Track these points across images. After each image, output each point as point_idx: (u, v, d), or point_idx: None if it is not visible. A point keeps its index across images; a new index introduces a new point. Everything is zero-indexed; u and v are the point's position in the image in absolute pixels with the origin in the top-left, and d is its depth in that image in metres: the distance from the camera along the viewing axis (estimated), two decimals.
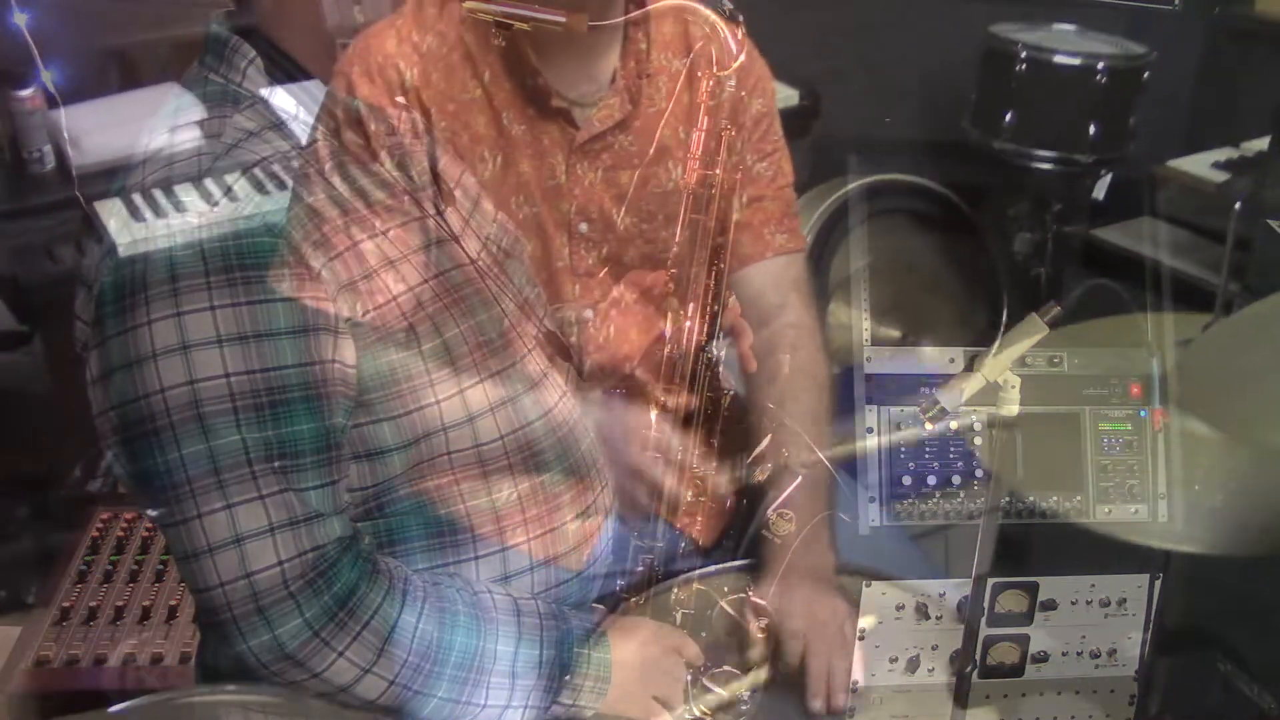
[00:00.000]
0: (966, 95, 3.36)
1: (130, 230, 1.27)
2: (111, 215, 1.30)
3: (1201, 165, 3.10)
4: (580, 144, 1.64)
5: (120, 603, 2.10)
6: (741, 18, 1.53)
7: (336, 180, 1.34)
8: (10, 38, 2.39)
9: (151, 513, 1.31)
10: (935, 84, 3.48)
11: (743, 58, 1.50)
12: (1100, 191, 3.33)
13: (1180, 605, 1.76)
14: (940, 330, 3.27)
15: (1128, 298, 1.61)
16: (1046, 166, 3.21)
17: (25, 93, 2.52)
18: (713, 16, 1.50)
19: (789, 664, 1.61)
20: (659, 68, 1.71)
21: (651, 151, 1.65)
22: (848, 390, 1.77)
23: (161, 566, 2.17)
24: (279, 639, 1.28)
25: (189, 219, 1.25)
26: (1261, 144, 3.05)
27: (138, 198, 1.29)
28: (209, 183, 1.27)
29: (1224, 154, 3.14)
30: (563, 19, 1.35)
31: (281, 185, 1.30)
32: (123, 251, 1.26)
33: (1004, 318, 3.35)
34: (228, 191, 1.27)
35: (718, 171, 1.57)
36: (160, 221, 1.27)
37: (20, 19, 2.39)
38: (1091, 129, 3.13)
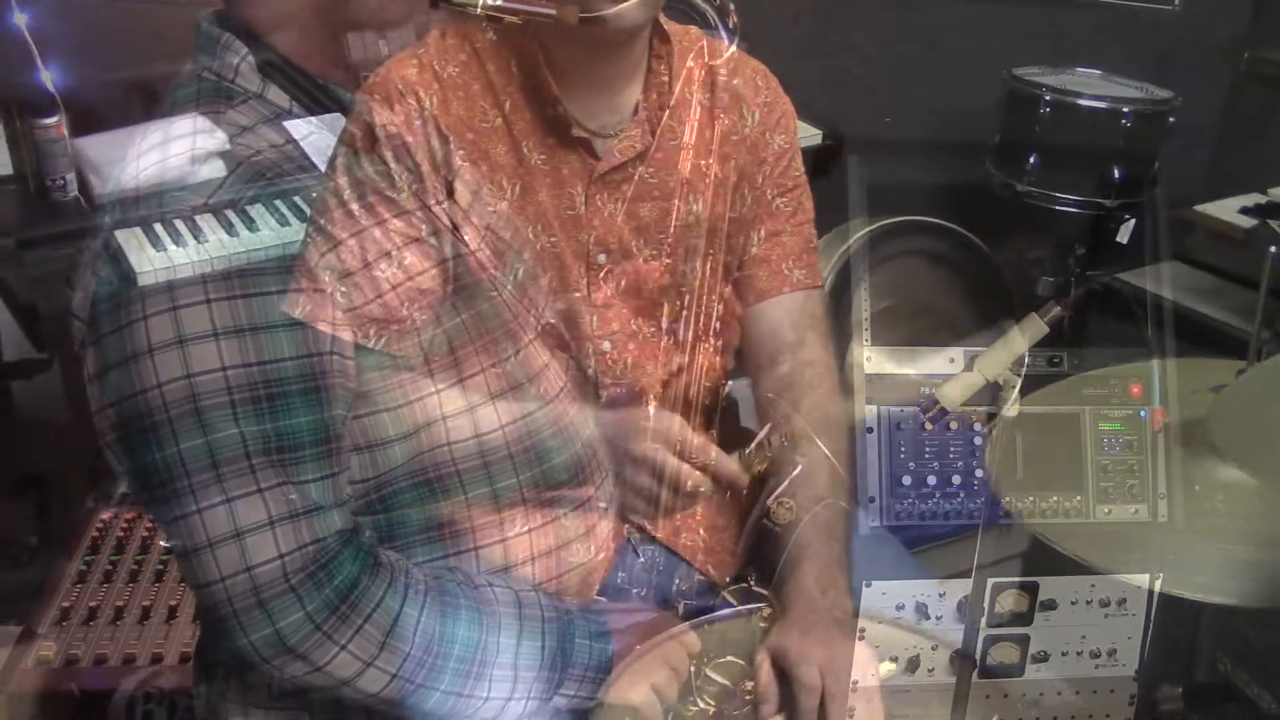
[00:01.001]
0: (989, 138, 3.38)
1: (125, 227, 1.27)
2: (107, 213, 1.31)
3: (1229, 210, 3.10)
4: (600, 175, 1.63)
5: (120, 603, 2.10)
6: (733, 5, 1.54)
7: (333, 172, 1.34)
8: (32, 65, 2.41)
9: (151, 508, 1.31)
10: (958, 126, 3.49)
11: (734, 48, 1.50)
12: (1124, 235, 3.33)
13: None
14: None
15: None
16: (1069, 210, 3.22)
17: (49, 121, 2.54)
18: (703, 4, 1.50)
19: (761, 590, 1.63)
20: (681, 100, 1.70)
21: (672, 184, 1.65)
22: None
23: (161, 566, 2.17)
24: (280, 633, 1.28)
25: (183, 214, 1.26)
26: None
27: (135, 197, 1.29)
28: (204, 176, 1.27)
29: (1251, 199, 3.14)
30: (553, 12, 1.35)
31: (277, 179, 1.30)
32: (117, 248, 1.27)
33: (1024, 361, 3.35)
34: (222, 185, 1.27)
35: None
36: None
37: (20, 18, 2.40)
38: (1115, 172, 3.14)
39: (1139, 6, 2.22)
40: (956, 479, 1.83)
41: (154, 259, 1.26)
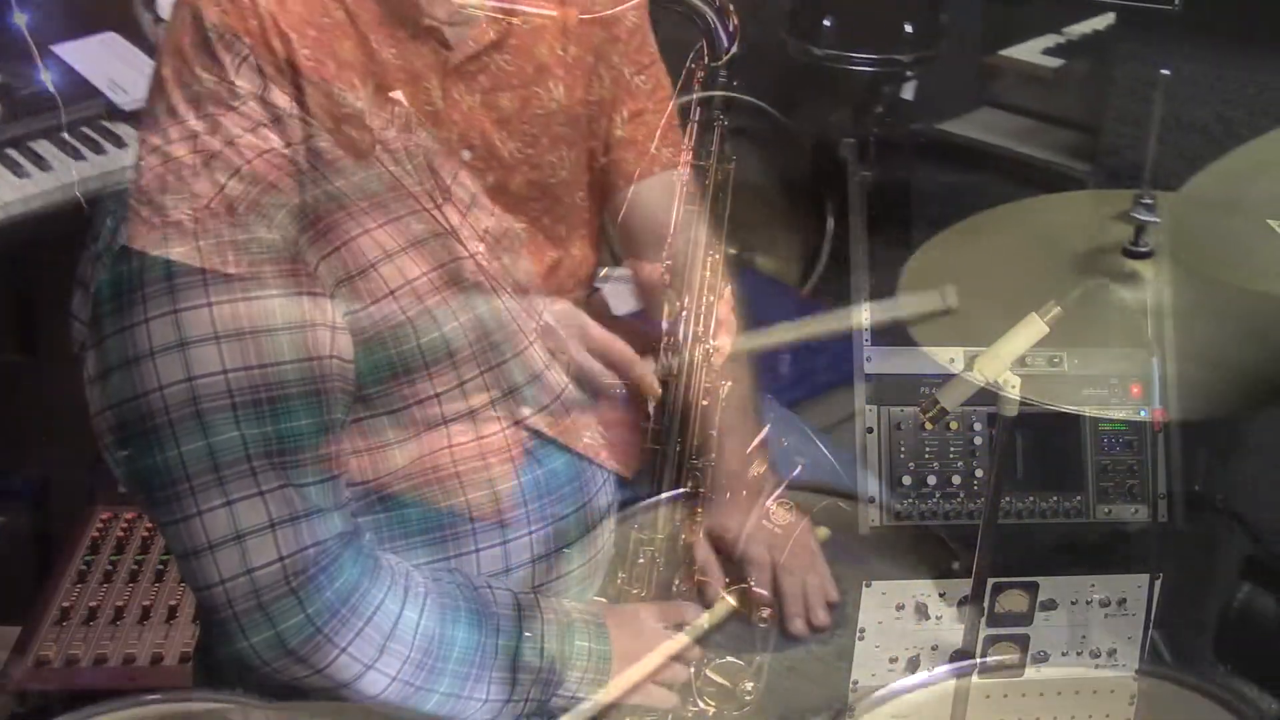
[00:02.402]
0: (783, 4, 3.34)
1: (126, 230, 1.27)
2: (108, 215, 1.31)
3: (1033, 52, 3.11)
4: (455, 65, 1.52)
5: (120, 603, 2.11)
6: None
7: (332, 175, 1.34)
8: None
9: (151, 511, 1.31)
10: None
11: (734, 49, 1.49)
12: (909, 93, 3.33)
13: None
14: (771, 243, 3.27)
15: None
16: (865, 69, 3.21)
17: None
18: (703, 6, 1.49)
19: (760, 591, 1.61)
20: None
21: (531, 71, 1.56)
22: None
23: (161, 566, 2.17)
24: (281, 635, 1.29)
25: (185, 217, 1.25)
26: (1084, 28, 3.09)
27: (134, 197, 1.29)
28: (205, 179, 1.27)
29: (1052, 40, 3.16)
30: (554, 13, 1.33)
31: (277, 181, 1.30)
32: (118, 251, 1.27)
33: (829, 225, 3.36)
34: (223, 188, 1.27)
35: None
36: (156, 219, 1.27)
37: (20, 19, 2.39)
38: (907, 28, 3.15)
39: (1142, 7, 2.23)
40: (956, 479, 1.83)
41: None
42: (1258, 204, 1.42)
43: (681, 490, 1.65)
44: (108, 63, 2.51)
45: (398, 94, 1.48)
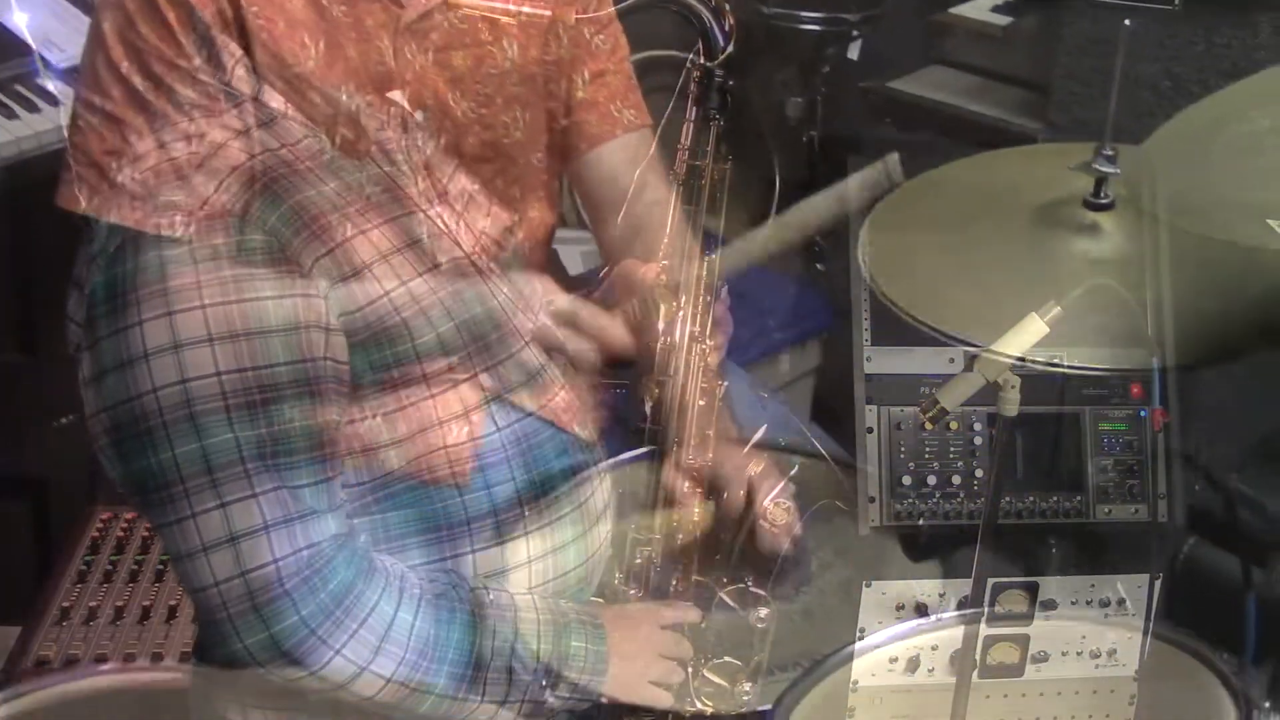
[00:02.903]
0: None
1: (120, 232, 1.27)
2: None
3: (982, 10, 3.07)
4: (407, 24, 1.50)
5: (120, 603, 2.10)
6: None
7: (327, 177, 1.34)
8: None
9: (145, 513, 1.31)
10: None
11: (730, 49, 1.48)
12: (853, 53, 3.33)
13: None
14: (714, 202, 3.25)
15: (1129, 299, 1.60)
16: (813, 28, 3.22)
17: None
18: (699, 6, 1.48)
19: (733, 508, 1.62)
20: None
21: (484, 29, 1.54)
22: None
23: (161, 566, 2.17)
24: (275, 637, 1.28)
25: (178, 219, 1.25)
26: None
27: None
28: (199, 181, 1.27)
29: None
30: (548, 12, 1.32)
31: (272, 183, 1.29)
32: (113, 253, 1.27)
33: (776, 184, 3.36)
34: (217, 190, 1.27)
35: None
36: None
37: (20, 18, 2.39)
38: None
39: (1142, 7, 2.23)
40: (956, 479, 1.83)
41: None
42: (1221, 156, 1.43)
43: (646, 449, 1.65)
44: (41, 20, 2.45)
45: (396, 94, 1.48)
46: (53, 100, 2.36)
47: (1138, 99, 2.21)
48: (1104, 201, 1.42)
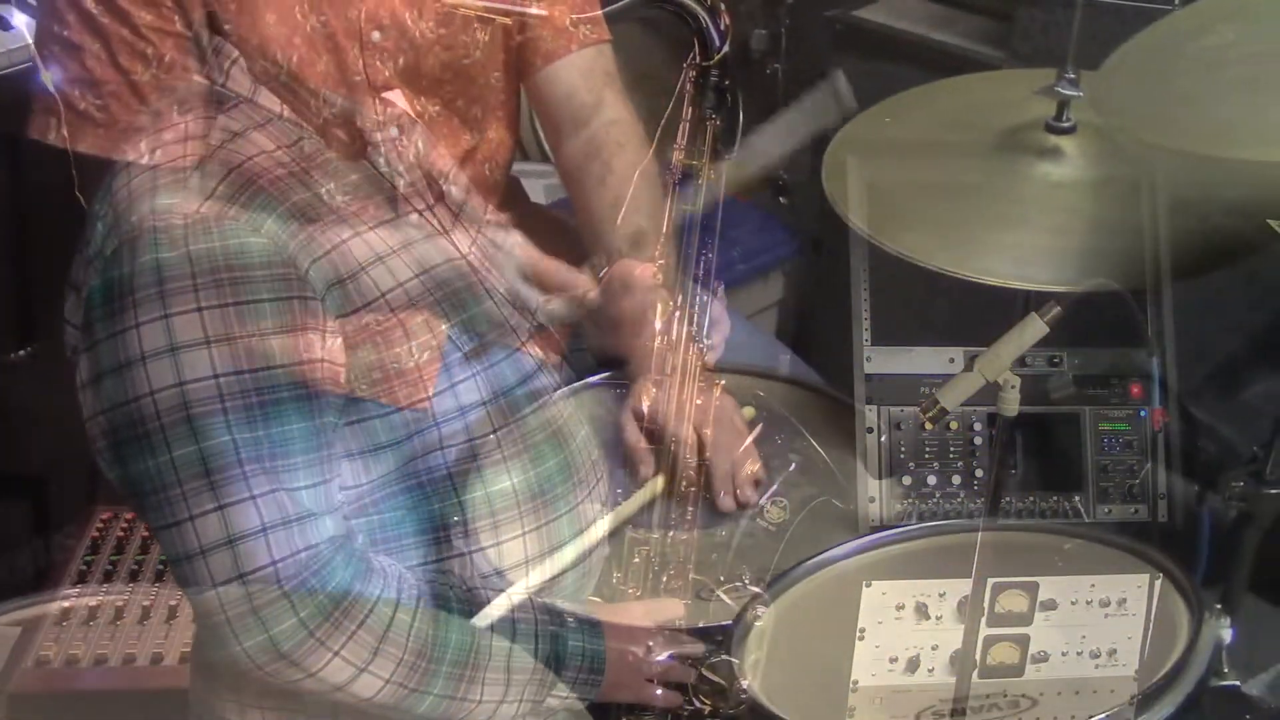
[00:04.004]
0: None
1: (117, 234, 1.27)
2: (99, 219, 1.30)
3: None
4: None
5: (120, 603, 2.10)
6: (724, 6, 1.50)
7: (323, 178, 1.34)
8: None
9: (143, 515, 1.31)
10: None
11: (726, 48, 1.47)
12: None
13: None
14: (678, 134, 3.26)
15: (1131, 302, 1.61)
16: None
17: None
18: (695, 6, 1.48)
19: (688, 468, 1.63)
20: None
21: None
22: None
23: (161, 566, 2.16)
24: (274, 639, 1.28)
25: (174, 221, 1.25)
26: None
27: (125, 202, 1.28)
28: (195, 184, 1.27)
29: None
30: (545, 13, 1.31)
31: (268, 185, 1.29)
32: (110, 255, 1.26)
33: (740, 116, 3.35)
34: (213, 192, 1.27)
35: None
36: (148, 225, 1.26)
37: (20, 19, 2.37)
38: None
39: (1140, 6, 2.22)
40: (956, 479, 1.83)
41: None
42: (1185, 70, 1.43)
43: (607, 374, 1.65)
44: None
45: (394, 95, 1.48)
46: (4, 25, 2.28)
47: (1100, 27, 2.20)
48: (1066, 125, 1.44)
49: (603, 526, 1.57)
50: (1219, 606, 1.45)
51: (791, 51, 3.31)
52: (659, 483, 1.66)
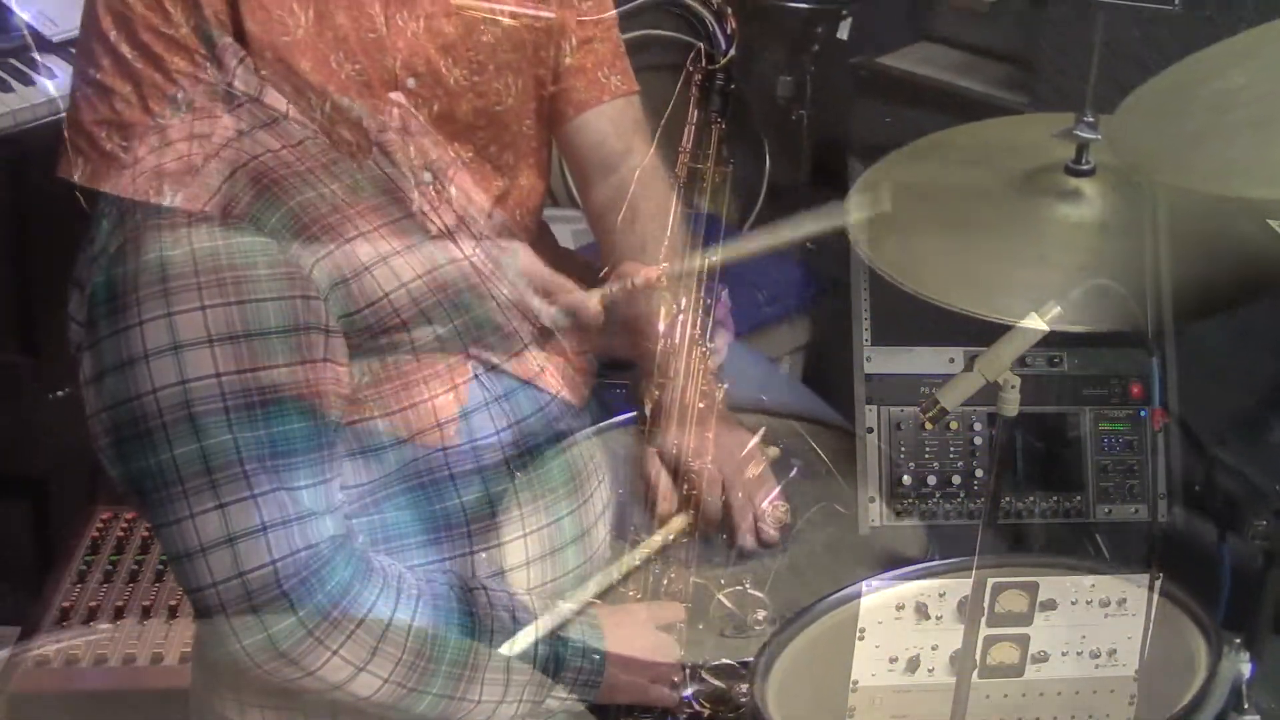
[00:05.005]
0: None
1: (121, 232, 1.27)
2: (104, 217, 1.30)
3: None
4: None
5: (120, 603, 2.10)
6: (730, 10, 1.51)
7: (328, 178, 1.34)
8: None
9: (144, 513, 1.31)
10: None
11: (733, 51, 1.47)
12: (843, 32, 3.31)
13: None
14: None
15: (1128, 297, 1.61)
16: (802, 6, 3.21)
17: None
18: (701, 9, 1.48)
19: (710, 507, 1.64)
20: None
21: None
22: None
23: (161, 566, 2.16)
24: (273, 638, 1.29)
25: (179, 220, 1.25)
26: None
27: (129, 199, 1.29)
28: (200, 183, 1.27)
29: None
30: (552, 15, 1.32)
31: (272, 184, 1.29)
32: (114, 253, 1.27)
33: (766, 163, 3.37)
34: (218, 191, 1.27)
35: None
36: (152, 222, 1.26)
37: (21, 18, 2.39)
38: None
39: (1140, 6, 2.23)
40: (956, 479, 1.83)
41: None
42: (1197, 112, 1.43)
43: (633, 414, 1.65)
44: None
45: (396, 95, 1.47)
46: (49, 74, 2.37)
47: (1121, 72, 2.21)
48: (1085, 168, 1.44)
49: (605, 528, 1.57)
50: (1238, 641, 1.44)
51: (817, 98, 3.32)
52: (682, 520, 1.66)
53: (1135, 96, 1.46)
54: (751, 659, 1.45)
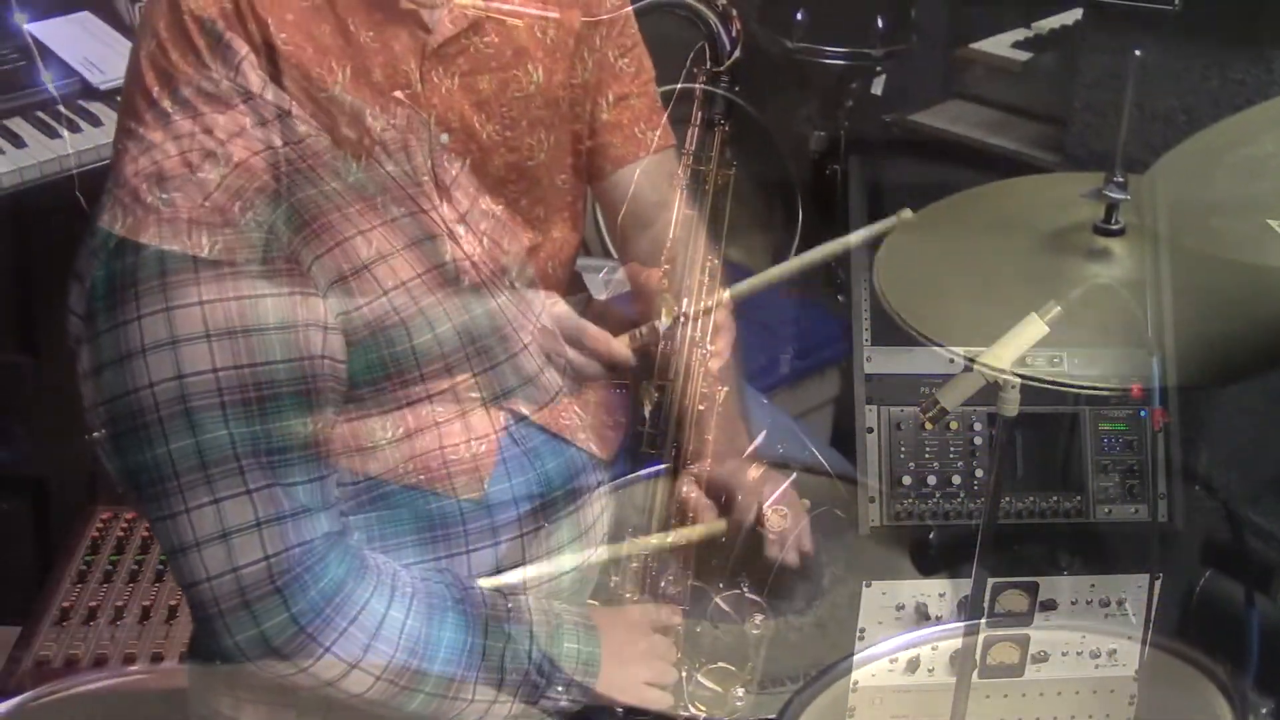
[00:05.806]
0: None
1: (122, 226, 1.27)
2: (104, 211, 1.31)
3: (1003, 45, 3.11)
4: (433, 49, 1.50)
5: (120, 603, 2.10)
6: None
7: (329, 176, 1.34)
8: None
9: (140, 507, 1.31)
10: None
11: (737, 54, 1.48)
12: (878, 88, 3.33)
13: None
14: (739, 234, 3.30)
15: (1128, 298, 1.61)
16: (837, 62, 3.20)
17: None
18: (705, 11, 1.48)
19: (754, 598, 1.63)
20: None
21: (509, 54, 1.55)
22: None
23: (161, 566, 2.17)
24: (266, 634, 1.29)
25: (180, 215, 1.25)
26: (1052, 22, 3.13)
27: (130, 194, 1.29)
28: (200, 179, 1.27)
29: (1020, 34, 3.17)
30: (555, 15, 1.33)
31: (273, 181, 1.30)
32: (114, 247, 1.27)
33: (799, 218, 3.38)
34: (218, 186, 1.27)
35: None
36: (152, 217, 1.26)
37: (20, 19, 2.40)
38: (879, 21, 3.14)
39: (1142, 7, 2.25)
40: (956, 479, 1.83)
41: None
42: (1225, 178, 1.45)
43: (663, 465, 1.66)
44: (83, 42, 2.51)
45: (400, 94, 1.48)
46: (95, 120, 2.42)
47: (1151, 131, 2.23)
48: (1114, 228, 1.44)
49: (602, 529, 1.57)
50: (1265, 712, 1.44)
51: (850, 154, 3.33)
52: (721, 524, 1.66)
53: (1165, 160, 1.47)
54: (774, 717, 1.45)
